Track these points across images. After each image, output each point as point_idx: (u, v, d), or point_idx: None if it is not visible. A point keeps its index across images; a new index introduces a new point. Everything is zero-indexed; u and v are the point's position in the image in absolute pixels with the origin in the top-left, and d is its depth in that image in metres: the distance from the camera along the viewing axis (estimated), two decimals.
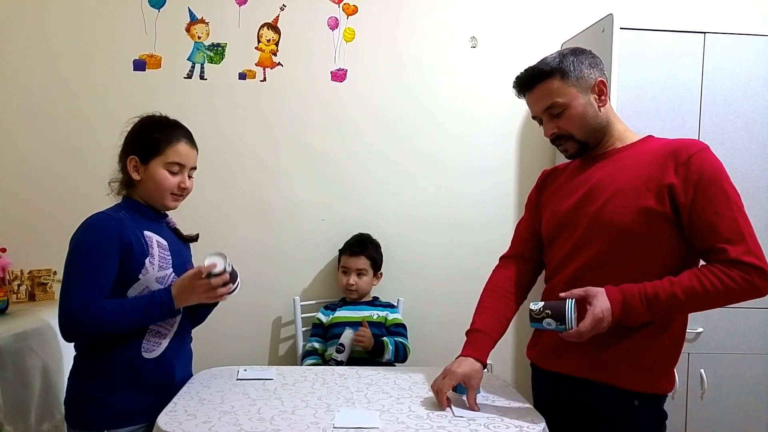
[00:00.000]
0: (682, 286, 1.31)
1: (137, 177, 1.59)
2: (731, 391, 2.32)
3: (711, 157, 1.36)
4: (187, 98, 2.54)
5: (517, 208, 2.70)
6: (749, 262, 1.29)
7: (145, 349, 1.56)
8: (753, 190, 2.29)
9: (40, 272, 2.31)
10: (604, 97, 1.47)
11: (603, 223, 1.41)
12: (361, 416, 1.39)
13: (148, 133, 1.60)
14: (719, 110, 2.29)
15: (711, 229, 1.32)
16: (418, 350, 2.44)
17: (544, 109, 1.48)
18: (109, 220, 1.52)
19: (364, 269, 2.47)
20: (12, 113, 2.51)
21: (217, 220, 2.58)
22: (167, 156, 1.59)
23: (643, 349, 1.40)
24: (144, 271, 1.53)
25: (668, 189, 1.35)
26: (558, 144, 1.52)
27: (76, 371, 1.58)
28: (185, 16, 2.55)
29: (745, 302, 1.35)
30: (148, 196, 1.62)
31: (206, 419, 1.37)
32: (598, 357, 1.42)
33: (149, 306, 1.50)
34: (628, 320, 1.35)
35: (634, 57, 2.25)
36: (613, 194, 1.41)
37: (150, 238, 1.57)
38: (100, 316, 1.46)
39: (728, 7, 2.68)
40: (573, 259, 1.47)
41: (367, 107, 2.64)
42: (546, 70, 1.45)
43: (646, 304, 1.32)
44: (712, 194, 1.32)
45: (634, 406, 1.41)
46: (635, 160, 1.43)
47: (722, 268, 1.31)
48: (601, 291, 1.34)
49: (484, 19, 2.66)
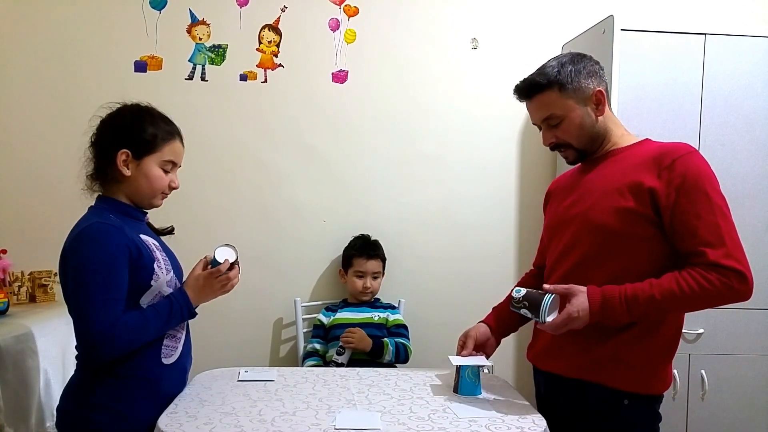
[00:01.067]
0: (661, 288, 1.34)
1: (127, 173, 1.47)
2: (732, 392, 2.31)
3: (696, 161, 1.38)
4: (188, 99, 2.55)
5: (518, 209, 2.70)
6: (728, 265, 1.31)
7: (165, 355, 1.50)
8: (754, 191, 2.30)
9: (41, 274, 2.30)
10: (602, 107, 1.50)
11: (589, 224, 1.45)
12: (362, 417, 1.40)
13: (142, 126, 1.48)
14: (720, 111, 2.29)
15: (692, 232, 1.34)
16: (420, 351, 2.44)
17: (542, 120, 1.52)
18: (112, 231, 1.40)
19: (379, 272, 2.48)
20: (13, 115, 2.51)
21: (218, 222, 2.58)
22: (163, 154, 1.50)
23: (634, 349, 1.42)
24: (155, 277, 1.46)
25: (649, 192, 1.37)
26: (558, 151, 1.57)
27: (83, 381, 1.45)
28: (186, 18, 2.56)
29: (746, 303, 1.36)
30: (136, 194, 1.51)
31: (207, 420, 1.37)
32: (590, 357, 1.44)
33: (169, 312, 1.44)
34: (609, 320, 1.38)
35: (635, 58, 2.25)
36: (600, 195, 1.45)
37: (147, 242, 1.49)
38: (128, 333, 1.37)
39: (729, 9, 2.68)
40: (565, 258, 1.52)
41: (368, 108, 2.64)
42: (543, 83, 1.47)
43: (625, 306, 1.35)
44: (695, 198, 1.34)
45: (624, 405, 1.42)
46: (625, 162, 1.46)
47: (701, 271, 1.33)
48: (582, 290, 1.39)
49: (485, 20, 2.66)
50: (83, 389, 1.45)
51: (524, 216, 2.69)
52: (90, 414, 1.42)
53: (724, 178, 2.21)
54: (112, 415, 1.42)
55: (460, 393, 1.58)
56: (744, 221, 2.28)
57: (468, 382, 1.58)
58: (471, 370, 1.58)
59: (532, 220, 2.66)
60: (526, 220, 2.69)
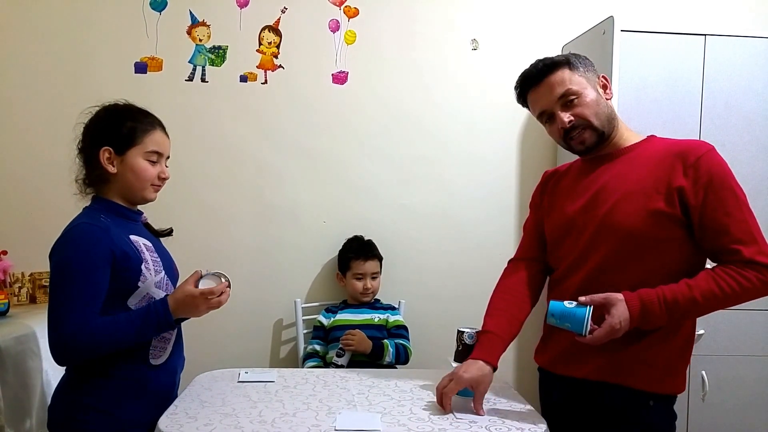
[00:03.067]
0: (701, 290, 1.32)
1: (113, 170, 1.47)
2: (733, 393, 2.31)
3: (718, 159, 1.38)
4: (189, 101, 2.55)
5: (519, 209, 2.70)
6: (763, 262, 1.31)
7: (153, 356, 1.50)
8: (754, 192, 2.28)
9: (41, 275, 2.30)
10: (608, 91, 1.51)
11: (612, 227, 1.41)
12: (363, 419, 1.40)
13: (120, 121, 1.49)
14: (720, 112, 2.29)
15: (723, 230, 1.33)
16: (420, 352, 2.44)
17: (557, 98, 1.46)
18: (95, 231, 1.40)
19: (377, 272, 2.48)
20: (13, 116, 2.51)
21: (219, 222, 2.58)
22: (146, 145, 1.49)
23: (657, 350, 1.41)
24: (142, 278, 1.45)
25: (678, 191, 1.35)
26: (572, 137, 1.48)
27: (72, 381, 1.47)
28: (186, 19, 2.56)
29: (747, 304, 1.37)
30: (127, 190, 1.51)
31: (207, 422, 1.37)
32: (612, 360, 1.42)
33: (145, 321, 1.41)
34: (646, 325, 1.36)
35: (635, 59, 2.25)
36: (622, 197, 1.41)
37: (137, 242, 1.49)
38: (92, 339, 1.37)
39: (729, 9, 2.68)
40: (583, 263, 1.46)
41: (368, 109, 2.64)
42: (557, 61, 1.48)
43: (665, 309, 1.33)
44: (722, 196, 1.34)
45: (650, 406, 1.41)
46: (642, 161, 1.44)
47: (737, 269, 1.32)
48: (621, 300, 1.34)
49: (485, 21, 2.66)
50: (72, 389, 1.47)
51: (525, 216, 2.68)
52: (77, 414, 1.44)
53: None
54: (99, 414, 1.43)
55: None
56: None
57: None
58: None
59: None
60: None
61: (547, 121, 1.52)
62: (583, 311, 1.34)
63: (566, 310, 1.37)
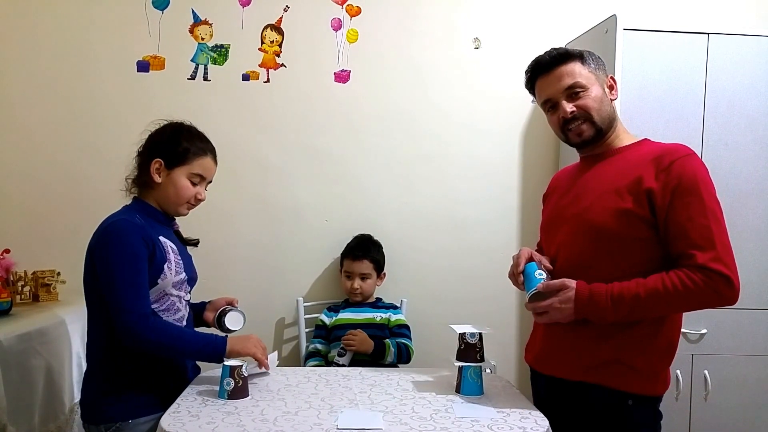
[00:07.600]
0: (646, 287, 1.36)
1: (158, 180, 1.63)
2: (735, 393, 2.30)
3: (694, 164, 1.39)
4: (191, 99, 2.55)
5: (521, 209, 2.69)
6: (715, 268, 1.32)
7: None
8: (757, 190, 2.29)
9: (44, 273, 2.31)
10: (614, 92, 1.53)
11: (587, 224, 1.46)
12: (365, 417, 1.40)
13: (177, 140, 1.64)
14: (723, 111, 2.28)
15: (682, 234, 1.36)
16: (422, 351, 2.44)
17: (565, 88, 1.49)
18: (134, 228, 1.54)
19: (368, 273, 2.46)
20: (16, 114, 2.52)
21: (221, 222, 2.58)
22: (193, 167, 1.64)
23: (636, 351, 1.42)
24: (163, 276, 1.58)
25: (647, 193, 1.38)
26: (570, 128, 1.50)
27: (95, 373, 1.60)
28: (189, 18, 2.56)
29: (748, 303, 1.37)
30: (164, 201, 1.65)
31: (209, 420, 1.37)
32: (591, 360, 1.45)
33: (205, 341, 1.57)
34: (595, 318, 1.40)
35: (638, 58, 2.24)
36: (598, 196, 1.46)
37: (165, 244, 1.62)
38: (162, 324, 1.55)
39: (732, 8, 2.67)
40: (558, 256, 1.53)
41: (370, 108, 2.64)
42: (571, 53, 1.50)
43: (611, 302, 1.37)
44: (688, 200, 1.36)
45: (628, 406, 1.43)
46: (624, 163, 1.47)
47: (687, 272, 1.34)
48: (573, 287, 1.41)
49: (487, 20, 2.66)
50: (95, 381, 1.59)
51: (527, 216, 2.69)
52: (103, 398, 1.55)
53: (727, 177, 2.25)
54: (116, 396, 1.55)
55: (462, 393, 1.58)
56: (747, 221, 2.28)
57: (470, 382, 1.58)
58: (473, 371, 1.58)
59: (535, 221, 2.63)
60: (528, 221, 2.68)
61: (550, 110, 1.55)
62: (538, 281, 1.45)
63: (529, 272, 1.49)
